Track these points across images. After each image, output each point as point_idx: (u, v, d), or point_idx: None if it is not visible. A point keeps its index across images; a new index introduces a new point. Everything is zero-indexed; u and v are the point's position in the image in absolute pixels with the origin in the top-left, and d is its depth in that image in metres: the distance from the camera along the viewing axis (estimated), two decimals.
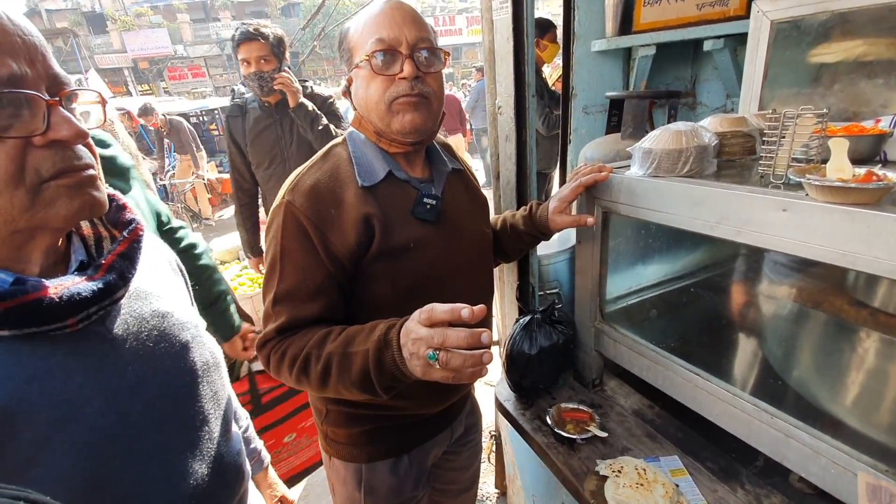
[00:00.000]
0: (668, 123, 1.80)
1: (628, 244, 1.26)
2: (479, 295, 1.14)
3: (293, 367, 0.89)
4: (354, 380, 0.83)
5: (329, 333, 0.89)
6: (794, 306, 0.92)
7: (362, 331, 0.85)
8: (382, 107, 0.94)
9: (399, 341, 0.77)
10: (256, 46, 2.16)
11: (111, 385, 0.60)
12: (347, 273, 0.94)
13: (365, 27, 0.94)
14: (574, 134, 1.95)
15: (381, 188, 0.96)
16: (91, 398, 0.58)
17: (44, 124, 0.52)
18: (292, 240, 0.91)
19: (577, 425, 1.23)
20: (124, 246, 0.63)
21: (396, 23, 0.92)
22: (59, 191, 0.54)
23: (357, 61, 0.95)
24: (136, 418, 0.62)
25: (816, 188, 0.73)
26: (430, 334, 0.70)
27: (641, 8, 1.77)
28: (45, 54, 0.54)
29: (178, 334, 0.70)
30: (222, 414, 0.75)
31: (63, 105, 0.54)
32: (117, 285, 0.60)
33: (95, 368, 0.59)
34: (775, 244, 0.80)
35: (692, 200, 0.92)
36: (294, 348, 0.90)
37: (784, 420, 0.87)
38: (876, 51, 1.12)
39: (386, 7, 0.94)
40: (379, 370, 0.79)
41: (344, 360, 0.83)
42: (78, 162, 0.55)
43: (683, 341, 1.16)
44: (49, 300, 0.53)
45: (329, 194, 0.93)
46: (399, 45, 0.92)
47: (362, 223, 0.92)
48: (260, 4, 28.24)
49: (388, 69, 0.93)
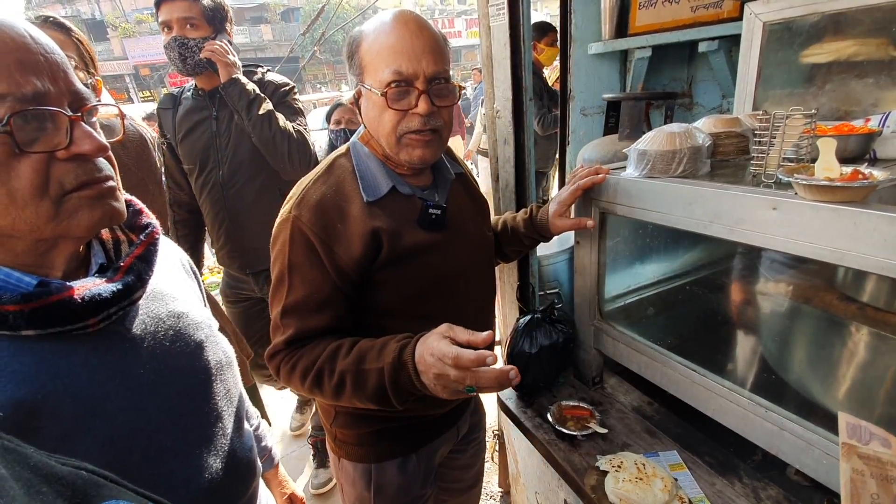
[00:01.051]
0: (665, 124, 1.84)
1: (626, 244, 1.29)
2: (482, 296, 1.16)
3: (305, 379, 0.93)
4: (370, 395, 0.88)
5: (339, 348, 0.92)
6: (787, 302, 0.95)
7: (373, 347, 0.89)
8: (393, 139, 0.94)
9: (414, 362, 0.82)
10: (181, 6, 1.64)
11: (130, 382, 0.63)
12: (354, 284, 0.96)
13: (381, 50, 0.90)
14: (572, 135, 1.98)
15: (385, 201, 0.97)
16: (111, 394, 0.60)
17: (67, 139, 0.55)
18: (299, 254, 0.93)
19: (577, 422, 1.25)
20: (141, 249, 0.66)
21: (416, 54, 0.89)
22: (81, 202, 0.56)
23: (369, 84, 0.93)
24: (153, 414, 0.65)
25: (804, 187, 0.75)
26: (461, 377, 0.78)
27: (637, 11, 1.80)
28: (66, 71, 0.56)
29: (193, 334, 0.72)
30: (235, 411, 0.78)
31: (84, 120, 0.57)
32: (135, 287, 0.62)
33: (115, 366, 0.62)
34: (767, 242, 0.82)
35: (686, 200, 0.94)
36: (305, 361, 0.93)
37: (778, 413, 0.89)
38: (866, 51, 1.15)
39: (405, 32, 0.89)
40: (395, 389, 0.86)
41: (358, 377, 0.88)
42: (99, 174, 0.58)
43: (680, 338, 1.18)
44: (72, 301, 0.56)
45: (335, 209, 0.94)
46: (416, 80, 0.90)
47: (370, 236, 0.93)
48: (259, 10, 28.38)
49: (402, 103, 0.91)
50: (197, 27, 1.68)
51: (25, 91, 0.51)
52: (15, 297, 0.53)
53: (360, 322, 1.01)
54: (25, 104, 0.51)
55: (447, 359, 0.77)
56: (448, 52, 0.97)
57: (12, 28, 0.52)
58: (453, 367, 0.77)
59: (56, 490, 0.35)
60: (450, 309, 1.05)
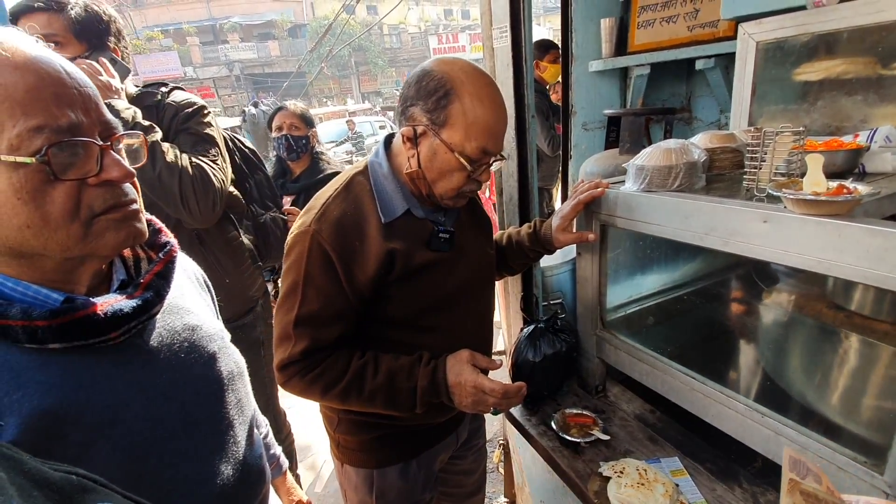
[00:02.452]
0: (665, 138, 1.89)
1: (627, 255, 1.33)
2: (482, 310, 1.21)
3: (327, 393, 1.01)
4: (399, 408, 1.05)
5: (365, 366, 1.02)
6: (781, 311, 0.98)
7: (401, 369, 1.03)
8: (452, 193, 1.01)
9: (447, 385, 1.02)
10: (40, 19, 1.34)
11: (148, 392, 0.67)
12: (365, 299, 1.01)
13: (477, 120, 0.93)
14: (574, 150, 2.03)
15: (399, 222, 1.02)
16: (130, 404, 0.65)
17: (97, 166, 0.59)
18: (317, 267, 0.96)
19: (580, 429, 1.28)
20: (160, 266, 0.70)
21: (500, 136, 0.99)
22: (109, 224, 0.61)
23: (448, 140, 0.94)
24: (169, 422, 0.69)
25: (792, 201, 0.79)
26: (496, 403, 1.02)
27: (635, 30, 1.86)
28: (97, 103, 0.62)
29: (207, 346, 0.76)
30: (245, 420, 0.82)
31: (112, 148, 0.62)
32: (153, 302, 0.67)
33: (134, 376, 0.66)
34: (759, 253, 0.86)
35: (682, 213, 0.99)
36: (328, 376, 1.00)
37: (774, 419, 0.92)
38: (855, 69, 1.19)
39: (498, 113, 0.97)
40: (423, 404, 1.03)
41: (390, 395, 1.02)
42: (125, 198, 0.63)
43: (680, 347, 1.21)
44: (95, 316, 0.60)
45: (354, 227, 0.98)
46: (494, 155, 1.00)
47: (385, 256, 0.98)
48: (267, 27, 28.92)
49: (481, 175, 1.01)
50: (63, 45, 1.36)
51: (61, 123, 0.56)
52: (44, 313, 0.57)
53: (368, 332, 1.06)
54: (61, 135, 0.56)
55: (495, 392, 0.99)
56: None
57: (49, 63, 0.57)
58: (501, 398, 1.00)
59: (46, 494, 0.39)
60: (453, 322, 1.11)
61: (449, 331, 1.10)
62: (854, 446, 0.81)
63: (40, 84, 0.55)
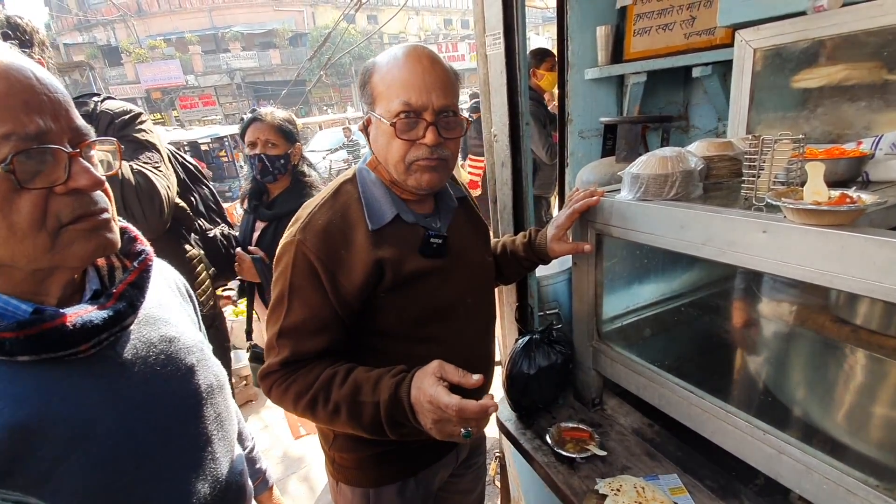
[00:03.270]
0: (662, 146, 1.87)
1: (623, 265, 1.29)
2: (482, 321, 1.17)
3: (298, 403, 0.95)
4: (365, 425, 0.91)
5: (335, 376, 0.94)
6: (782, 324, 0.95)
7: (368, 380, 0.92)
8: (401, 167, 0.96)
9: (409, 401, 0.86)
10: None
11: (121, 406, 0.64)
12: (353, 310, 0.97)
13: (393, 81, 0.93)
14: (571, 157, 2.01)
15: (388, 229, 0.99)
16: (103, 418, 0.62)
17: (65, 174, 0.57)
18: (302, 277, 0.94)
19: (576, 444, 1.24)
20: (134, 276, 0.68)
21: (426, 87, 0.91)
22: (77, 234, 0.59)
23: (379, 113, 0.95)
24: (143, 437, 0.66)
25: (793, 210, 0.76)
26: (463, 425, 0.82)
27: (631, 38, 1.85)
28: (68, 109, 0.59)
29: (185, 358, 0.74)
30: (225, 435, 0.79)
31: (83, 155, 0.59)
32: (127, 313, 0.64)
33: (107, 390, 0.63)
34: (758, 264, 0.83)
35: (678, 223, 0.96)
36: (298, 385, 0.95)
37: (776, 436, 0.89)
38: (857, 75, 1.17)
39: (418, 66, 0.92)
40: (391, 423, 0.89)
41: (353, 408, 0.91)
42: (94, 207, 0.60)
43: (678, 359, 1.18)
44: (64, 328, 0.57)
45: (340, 235, 0.95)
46: (424, 111, 0.92)
47: (373, 266, 0.94)
48: (269, 35, 29.12)
49: (411, 133, 0.94)
50: None
51: (29, 130, 0.54)
52: (11, 324, 0.55)
53: (360, 343, 1.02)
54: (29, 143, 0.54)
55: (449, 409, 0.80)
56: (458, 87, 1.00)
57: (20, 70, 0.55)
58: (457, 417, 0.80)
59: None
60: (450, 333, 1.06)
61: (447, 342, 1.05)
62: (864, 468, 0.77)
63: (10, 91, 0.54)
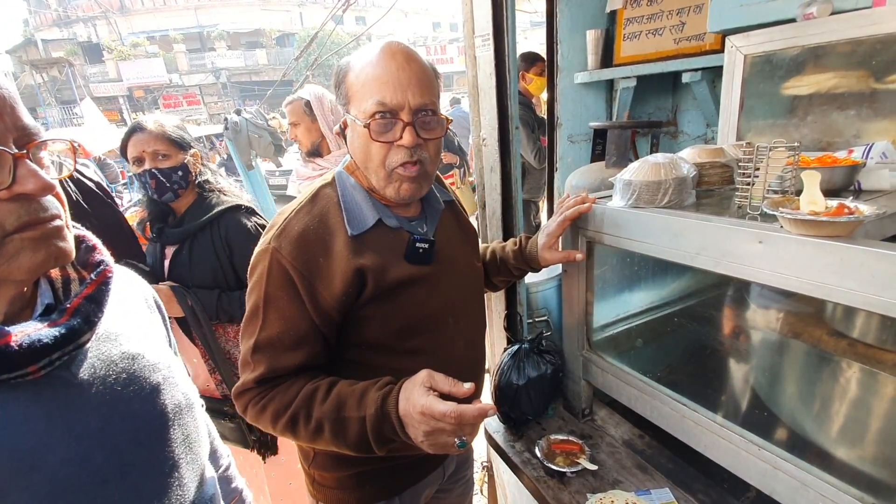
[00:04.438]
0: (651, 151, 1.85)
1: (614, 272, 1.27)
2: (472, 330, 1.13)
3: (276, 422, 0.89)
4: (351, 443, 0.86)
5: (316, 391, 0.88)
6: (777, 336, 0.93)
7: (352, 394, 0.86)
8: (382, 173, 0.91)
9: (398, 414, 0.81)
10: None
11: (76, 431, 0.58)
12: (334, 322, 0.92)
13: (367, 80, 0.87)
14: (560, 162, 1.99)
15: (370, 235, 0.93)
16: (54, 446, 0.56)
17: (9, 178, 0.51)
18: (277, 288, 0.88)
19: (567, 457, 1.21)
20: (91, 289, 0.62)
21: (401, 84, 0.86)
22: (23, 244, 0.53)
23: (354, 115, 0.90)
24: (101, 465, 0.60)
25: (790, 221, 0.74)
26: (459, 432, 0.78)
27: (621, 42, 1.83)
28: (14, 106, 0.53)
29: (149, 376, 0.68)
30: (194, 458, 0.73)
31: (31, 156, 0.54)
32: (82, 330, 0.58)
33: (59, 415, 0.58)
34: (753, 275, 0.81)
35: (672, 231, 0.93)
36: (276, 403, 0.89)
37: (771, 451, 0.86)
38: (847, 83, 1.16)
39: (392, 63, 0.86)
40: (378, 438, 0.84)
41: (338, 424, 0.85)
42: (44, 214, 0.54)
43: (670, 370, 1.16)
44: (8, 349, 0.52)
45: (318, 242, 0.90)
46: (401, 111, 0.87)
47: (353, 275, 0.89)
48: (255, 35, 28.84)
49: (387, 135, 0.88)
50: None
51: None
52: None
53: (341, 356, 0.98)
54: None
55: (447, 418, 0.75)
56: (437, 84, 0.94)
57: None
58: (456, 424, 0.76)
59: None
60: (438, 344, 1.02)
61: (434, 354, 1.00)
62: (860, 485, 0.75)
63: None
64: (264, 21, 28.37)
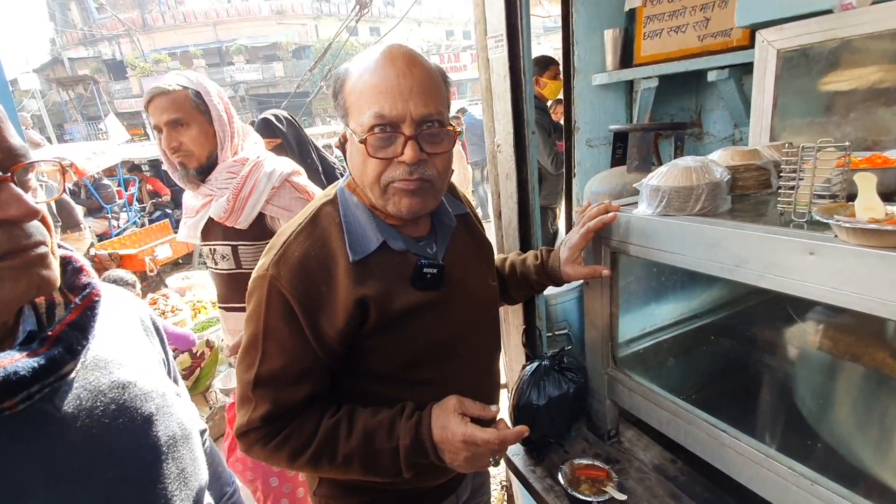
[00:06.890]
0: (675, 155, 1.76)
1: (639, 283, 1.19)
2: (484, 358, 1.05)
3: (295, 460, 0.85)
4: (381, 472, 0.87)
5: (337, 428, 0.85)
6: (829, 357, 0.84)
7: (380, 426, 0.86)
8: (377, 190, 0.84)
9: (432, 441, 0.84)
10: None
11: (58, 473, 0.53)
12: (336, 355, 0.86)
13: (364, 89, 0.79)
14: (578, 168, 1.91)
15: (373, 259, 0.86)
16: (34, 489, 0.52)
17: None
18: (277, 319, 0.82)
19: (592, 485, 1.12)
20: (75, 314, 0.57)
21: (402, 93, 0.77)
22: (4, 273, 0.49)
23: (352, 129, 0.82)
24: None
25: (847, 230, 0.66)
26: (495, 453, 0.86)
27: (641, 41, 1.76)
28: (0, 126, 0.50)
29: (141, 406, 0.63)
30: (190, 494, 0.68)
31: (16, 179, 0.50)
32: (64, 360, 0.54)
33: (40, 453, 0.53)
34: (804, 290, 0.72)
35: (708, 241, 0.85)
36: (293, 443, 0.85)
37: (826, 487, 0.77)
38: (893, 77, 1.07)
39: (391, 69, 0.78)
40: (409, 465, 0.85)
41: (369, 458, 0.85)
42: (27, 241, 0.51)
43: (706, 390, 1.07)
44: None
45: (319, 269, 0.83)
46: (402, 123, 0.78)
47: (355, 306, 0.82)
48: (272, 48, 29.38)
49: (387, 150, 0.80)
50: None
51: None
52: None
53: (347, 386, 0.91)
54: None
55: (491, 444, 0.81)
56: (444, 91, 0.85)
57: None
58: (499, 449, 0.83)
59: None
60: (448, 373, 0.95)
61: (444, 384, 0.92)
62: None
63: None
64: (281, 34, 28.91)
